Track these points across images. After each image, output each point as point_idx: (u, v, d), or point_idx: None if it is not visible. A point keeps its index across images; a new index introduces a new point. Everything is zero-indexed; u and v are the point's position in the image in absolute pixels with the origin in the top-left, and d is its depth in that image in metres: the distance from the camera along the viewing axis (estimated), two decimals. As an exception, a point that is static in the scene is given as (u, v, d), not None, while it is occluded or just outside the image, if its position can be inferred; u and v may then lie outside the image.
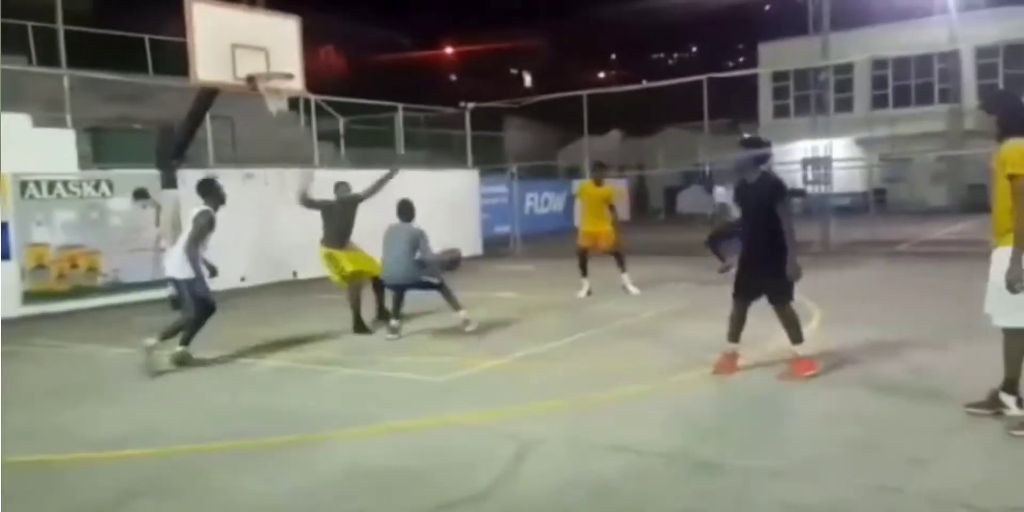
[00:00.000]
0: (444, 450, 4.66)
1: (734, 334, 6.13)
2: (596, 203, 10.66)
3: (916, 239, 16.71)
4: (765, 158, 6.23)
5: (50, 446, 4.97)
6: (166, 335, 7.01)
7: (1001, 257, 4.46)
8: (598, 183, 10.79)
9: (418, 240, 8.01)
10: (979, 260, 5.01)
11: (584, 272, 10.64)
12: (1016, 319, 4.50)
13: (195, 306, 7.03)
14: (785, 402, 5.55)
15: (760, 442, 4.66)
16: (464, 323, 8.17)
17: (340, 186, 9.02)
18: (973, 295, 4.87)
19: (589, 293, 10.53)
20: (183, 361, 7.02)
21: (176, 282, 7.18)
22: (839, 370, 6.06)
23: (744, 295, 6.07)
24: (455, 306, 8.20)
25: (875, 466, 4.09)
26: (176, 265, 7.09)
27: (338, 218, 8.71)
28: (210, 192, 7.31)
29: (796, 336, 5.93)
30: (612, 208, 10.80)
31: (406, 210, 8.21)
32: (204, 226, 7.06)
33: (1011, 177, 4.33)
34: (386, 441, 4.92)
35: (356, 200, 8.78)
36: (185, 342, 7.04)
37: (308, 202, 8.61)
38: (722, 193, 12.44)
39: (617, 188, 11.59)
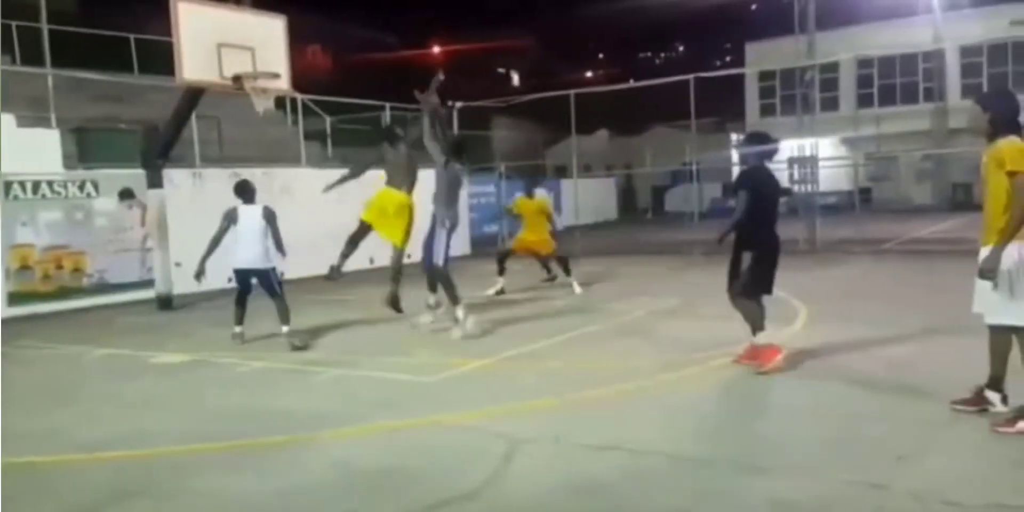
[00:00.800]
0: (434, 450, 4.66)
1: (760, 324, 6.19)
2: (532, 215, 11.23)
3: (901, 237, 16.82)
4: (769, 153, 6.30)
5: (38, 448, 4.93)
6: (286, 320, 7.86)
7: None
8: (531, 196, 11.49)
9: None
10: (964, 258, 5.05)
11: (501, 271, 11.02)
12: (1005, 317, 4.53)
13: (280, 289, 7.96)
14: (773, 400, 5.58)
15: (748, 439, 4.69)
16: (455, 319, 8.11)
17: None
18: (958, 292, 4.91)
19: (501, 292, 10.82)
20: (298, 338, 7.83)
21: (254, 272, 7.88)
22: (826, 367, 6.10)
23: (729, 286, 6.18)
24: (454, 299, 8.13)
25: (861, 462, 4.11)
26: (258, 258, 7.82)
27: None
28: (248, 191, 7.99)
29: (752, 327, 6.10)
30: (550, 218, 11.36)
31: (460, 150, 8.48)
32: (276, 216, 7.89)
33: (1012, 174, 4.35)
34: (376, 441, 4.91)
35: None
36: (288, 321, 7.86)
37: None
38: (543, 195, 12.42)
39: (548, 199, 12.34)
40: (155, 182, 10.98)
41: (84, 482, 4.36)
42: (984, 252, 4.58)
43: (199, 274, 7.75)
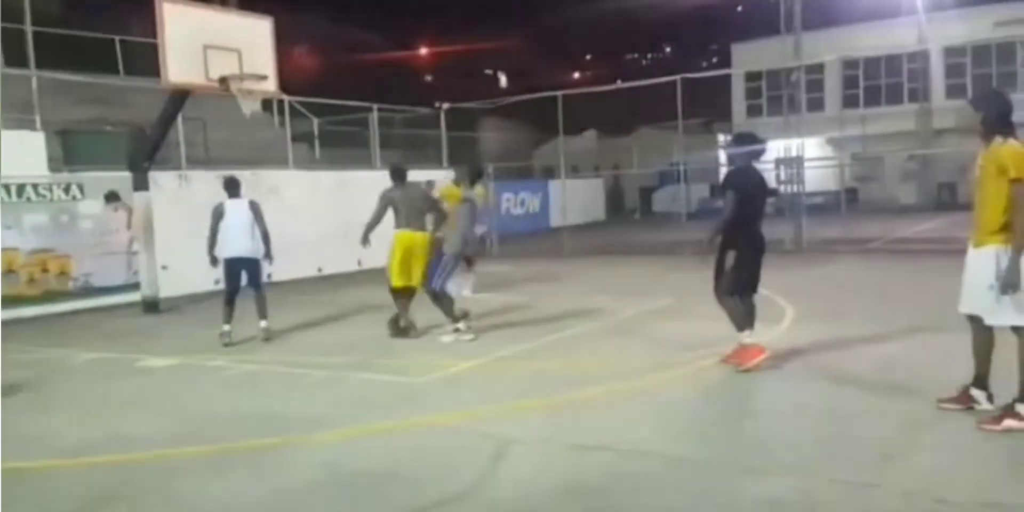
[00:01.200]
0: (423, 451, 4.65)
1: (744, 324, 6.20)
2: (456, 203, 10.57)
3: (887, 237, 16.91)
4: (757, 153, 6.32)
5: (20, 453, 4.87)
6: (264, 315, 8.22)
7: (989, 255, 4.46)
8: (457, 185, 10.73)
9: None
10: (949, 257, 5.08)
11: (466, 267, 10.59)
12: (1006, 317, 4.48)
13: (260, 281, 8.29)
14: (762, 399, 5.60)
15: (738, 439, 4.70)
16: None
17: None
18: (944, 291, 4.93)
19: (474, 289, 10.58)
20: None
21: (247, 262, 8.16)
22: (813, 366, 6.12)
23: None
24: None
25: (850, 461, 4.13)
26: (250, 248, 8.13)
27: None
28: (234, 185, 8.32)
29: (736, 326, 6.11)
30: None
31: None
32: (261, 209, 8.28)
33: (1016, 181, 4.34)
34: (366, 443, 4.90)
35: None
36: (266, 316, 8.24)
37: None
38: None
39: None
40: (141, 185, 10.91)
41: (68, 487, 4.33)
42: (973, 253, 4.58)
43: (213, 262, 8.18)
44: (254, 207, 8.22)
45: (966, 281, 4.66)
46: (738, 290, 6.10)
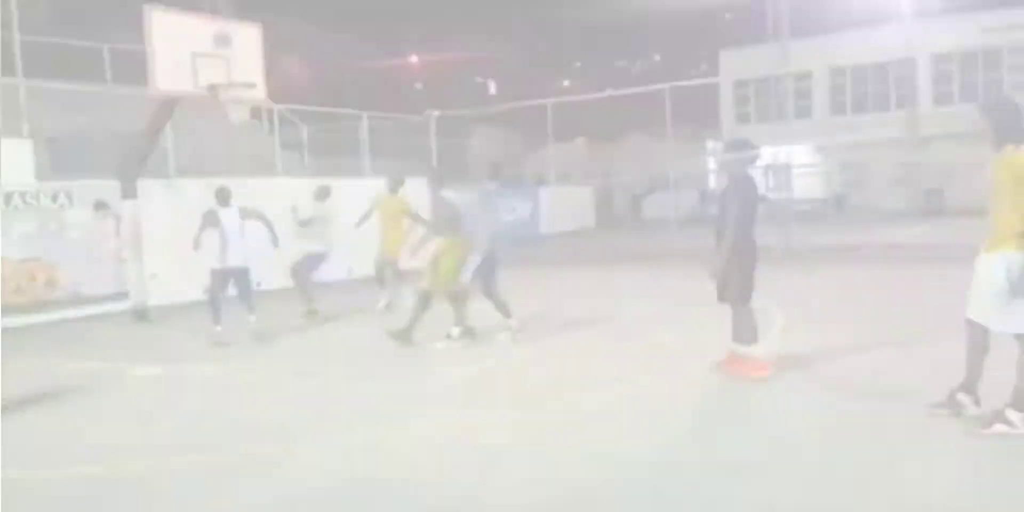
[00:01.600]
0: (418, 458, 4.63)
1: (754, 336, 6.16)
2: (389, 217, 10.20)
3: (876, 243, 16.97)
4: (751, 160, 6.32)
5: (9, 463, 4.82)
6: (252, 310, 8.37)
7: (999, 260, 4.46)
8: (395, 192, 10.43)
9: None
10: (938, 263, 5.11)
11: (381, 284, 10.32)
12: (1013, 324, 4.47)
13: (250, 288, 8.51)
14: (754, 406, 5.60)
15: (732, 446, 4.70)
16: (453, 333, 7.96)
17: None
18: (933, 297, 4.96)
19: (388, 306, 9.98)
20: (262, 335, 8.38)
21: (238, 272, 8.33)
22: (804, 373, 6.13)
23: (720, 295, 6.16)
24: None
25: (842, 467, 4.14)
26: (243, 258, 8.31)
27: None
28: (225, 195, 8.49)
29: (746, 338, 6.03)
30: (416, 220, 9.88)
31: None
32: (249, 212, 8.54)
33: None
34: (356, 451, 4.87)
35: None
36: (254, 311, 8.41)
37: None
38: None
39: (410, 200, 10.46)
40: (130, 193, 10.86)
41: (61, 497, 4.29)
42: (983, 258, 4.56)
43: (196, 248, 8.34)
44: (244, 213, 8.46)
45: (974, 286, 4.65)
46: (748, 297, 6.08)
